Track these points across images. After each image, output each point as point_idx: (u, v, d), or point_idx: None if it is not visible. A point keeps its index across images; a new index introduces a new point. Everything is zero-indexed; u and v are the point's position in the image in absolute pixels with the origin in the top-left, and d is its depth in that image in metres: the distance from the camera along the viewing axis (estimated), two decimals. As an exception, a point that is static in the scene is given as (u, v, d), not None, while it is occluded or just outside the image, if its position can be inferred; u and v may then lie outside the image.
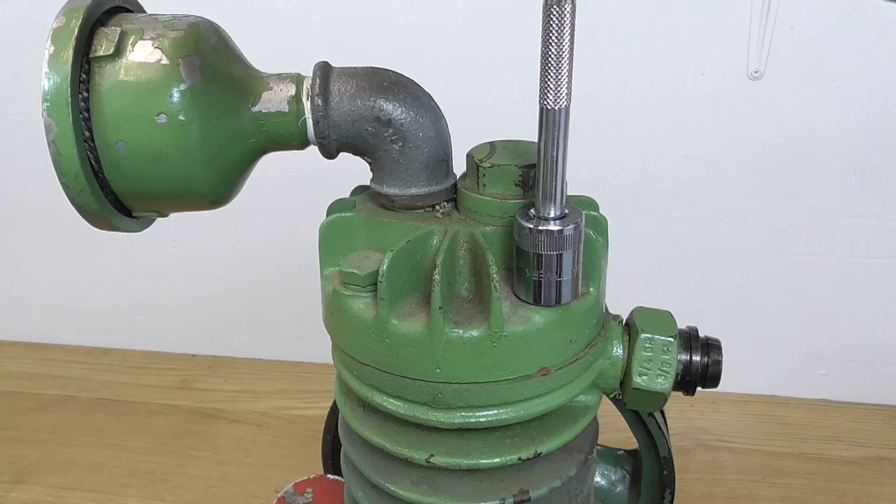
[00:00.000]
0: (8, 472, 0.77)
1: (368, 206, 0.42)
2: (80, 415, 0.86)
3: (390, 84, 0.39)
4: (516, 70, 0.75)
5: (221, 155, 0.37)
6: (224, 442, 0.81)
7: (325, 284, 0.40)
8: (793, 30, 0.70)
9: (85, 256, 0.95)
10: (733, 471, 0.75)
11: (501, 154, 0.40)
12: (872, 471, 0.75)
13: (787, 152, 0.75)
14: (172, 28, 0.36)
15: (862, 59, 0.70)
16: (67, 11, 0.35)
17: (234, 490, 0.74)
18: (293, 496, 0.56)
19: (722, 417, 0.83)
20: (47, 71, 0.34)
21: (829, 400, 0.86)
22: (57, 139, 0.34)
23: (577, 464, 0.42)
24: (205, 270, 0.93)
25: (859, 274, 0.79)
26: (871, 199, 0.76)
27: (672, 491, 0.52)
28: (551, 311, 0.36)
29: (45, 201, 0.88)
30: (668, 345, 0.41)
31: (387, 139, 0.39)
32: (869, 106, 0.72)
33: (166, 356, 0.98)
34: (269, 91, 0.38)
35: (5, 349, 1.00)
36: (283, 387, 0.91)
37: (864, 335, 0.82)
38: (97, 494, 0.74)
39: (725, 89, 0.73)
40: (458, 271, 0.38)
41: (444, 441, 0.39)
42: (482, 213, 0.39)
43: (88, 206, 0.37)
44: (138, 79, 0.35)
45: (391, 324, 0.36)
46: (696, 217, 0.80)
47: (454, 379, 0.36)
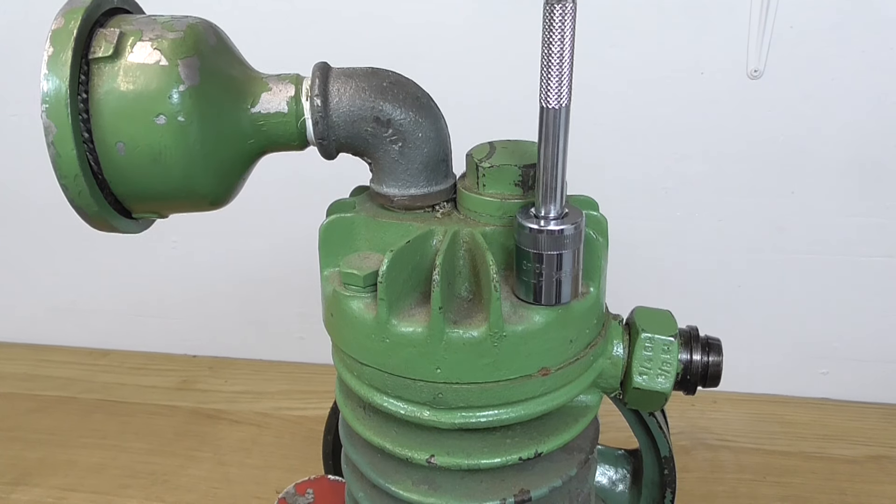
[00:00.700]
0: (8, 473, 0.77)
1: (368, 207, 0.42)
2: (81, 416, 0.86)
3: (389, 84, 0.39)
4: (516, 70, 0.75)
5: (221, 156, 0.37)
6: (225, 443, 0.81)
7: (325, 285, 0.40)
8: (792, 29, 0.70)
9: (85, 258, 0.95)
10: (734, 470, 0.75)
11: (501, 154, 0.40)
12: (873, 469, 0.75)
13: (787, 151, 0.75)
14: (171, 29, 0.36)
15: (861, 57, 0.70)
16: (66, 13, 0.35)
17: (235, 491, 0.74)
18: (294, 497, 0.56)
19: (722, 416, 0.83)
20: (46, 72, 0.34)
21: (829, 399, 0.86)
22: (56, 140, 0.34)
23: (578, 463, 0.42)
24: (205, 271, 0.93)
25: (859, 273, 0.79)
26: (871, 198, 0.76)
27: (673, 490, 0.52)
28: (551, 311, 0.36)
29: (44, 203, 0.88)
30: (669, 344, 0.41)
31: (386, 139, 0.39)
32: (868, 105, 0.72)
33: (167, 357, 0.98)
34: (268, 92, 0.38)
35: (5, 350, 1.00)
36: (283, 387, 0.91)
37: (864, 334, 0.82)
38: (98, 496, 0.74)
39: (725, 88, 0.73)
40: (458, 271, 0.38)
41: (445, 441, 0.39)
42: (482, 213, 0.39)
43: (88, 208, 0.37)
44: (137, 80, 0.35)
45: (391, 324, 0.36)
46: (695, 216, 0.80)
47: (454, 379, 0.36)
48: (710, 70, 0.73)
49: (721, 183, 0.78)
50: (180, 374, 0.94)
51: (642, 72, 0.74)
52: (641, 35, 0.73)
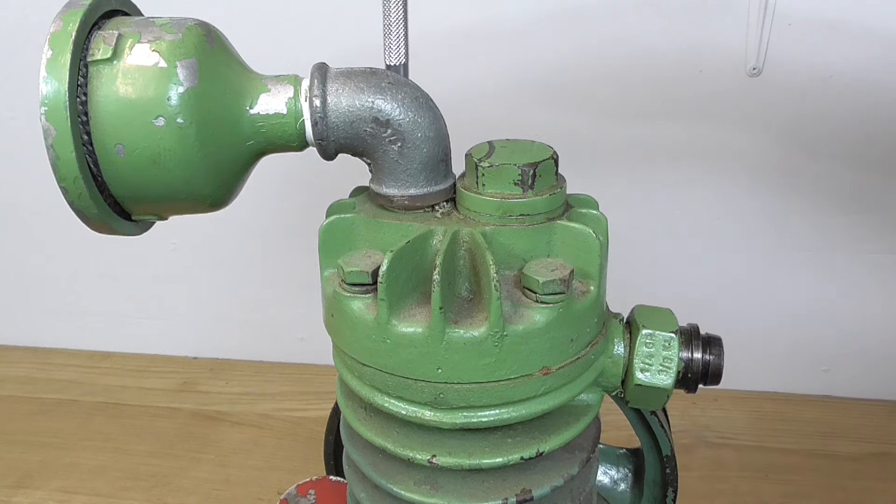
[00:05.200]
0: (10, 476, 0.77)
1: (368, 207, 0.42)
2: (82, 419, 0.86)
3: (388, 84, 0.39)
4: (516, 70, 0.75)
5: (220, 157, 0.37)
6: (226, 444, 0.81)
7: (326, 286, 0.40)
8: (791, 26, 0.70)
9: (84, 260, 0.95)
10: (736, 468, 0.75)
11: (500, 153, 0.40)
12: (875, 466, 0.75)
13: (787, 149, 0.75)
14: (170, 31, 0.36)
15: (860, 54, 0.70)
16: (64, 15, 0.35)
17: (237, 492, 0.74)
18: (296, 498, 0.56)
19: (724, 414, 0.83)
20: (45, 75, 0.34)
21: (831, 396, 0.85)
22: (55, 143, 0.34)
23: (580, 463, 0.42)
24: (204, 272, 0.93)
25: (860, 270, 0.79)
26: (872, 195, 0.76)
27: (675, 489, 0.52)
28: (552, 310, 0.36)
29: (44, 205, 0.88)
30: (670, 340, 0.41)
31: (385, 140, 0.39)
32: (868, 102, 0.72)
33: (167, 359, 0.98)
34: (266, 93, 0.38)
35: (6, 354, 1.00)
36: (284, 388, 0.91)
37: (865, 331, 0.82)
38: (99, 498, 0.74)
39: (724, 87, 0.73)
40: (459, 271, 0.38)
41: (446, 441, 0.39)
42: (482, 212, 0.39)
43: (87, 210, 0.37)
44: (136, 82, 0.35)
45: (392, 324, 0.36)
46: (695, 214, 0.80)
47: (455, 379, 0.36)
48: (708, 68, 0.73)
49: (720, 181, 0.78)
50: (181, 376, 0.94)
51: (641, 70, 0.74)
52: (640, 34, 0.73)
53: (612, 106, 0.76)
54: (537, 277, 0.36)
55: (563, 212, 0.40)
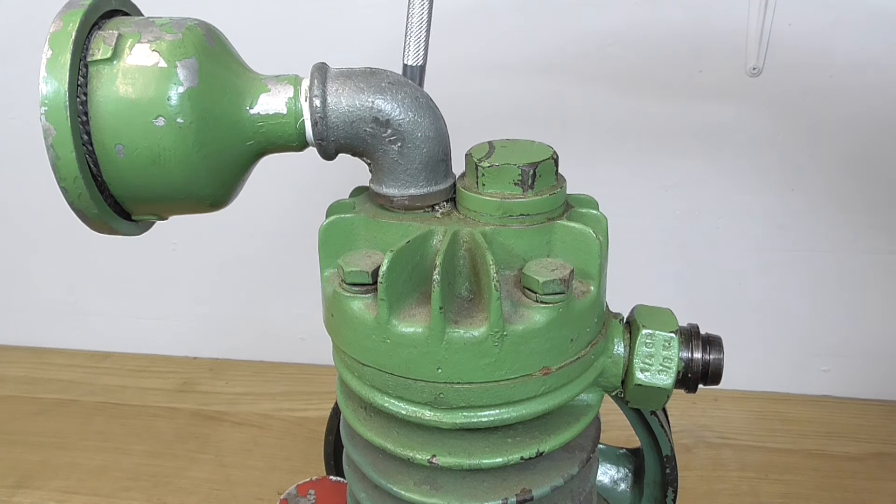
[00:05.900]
0: (10, 476, 0.77)
1: (368, 207, 0.42)
2: (82, 419, 0.86)
3: (388, 84, 0.39)
4: (516, 70, 0.75)
5: (220, 157, 0.37)
6: (226, 444, 0.81)
7: (326, 286, 0.40)
8: (791, 26, 0.70)
9: (84, 260, 0.95)
10: (736, 468, 0.75)
11: (500, 153, 0.40)
12: (874, 466, 0.75)
13: (786, 149, 0.75)
14: (169, 31, 0.36)
15: (860, 54, 0.70)
16: (64, 15, 0.35)
17: (237, 492, 0.74)
18: (296, 498, 0.56)
19: (724, 414, 0.83)
20: (45, 75, 0.34)
21: (830, 396, 0.85)
22: (55, 143, 0.34)
23: (580, 462, 0.42)
24: (204, 272, 0.93)
25: (859, 269, 0.79)
26: (871, 195, 0.76)
27: (675, 489, 0.52)
28: (552, 310, 0.36)
29: (43, 205, 0.88)
30: (670, 340, 0.41)
31: (385, 140, 0.39)
32: (868, 101, 0.72)
33: (167, 359, 0.98)
34: (266, 93, 0.38)
35: (6, 354, 1.00)
36: (284, 388, 0.91)
37: (865, 331, 0.82)
38: (99, 498, 0.74)
39: (724, 86, 0.73)
40: (459, 271, 0.38)
41: (446, 441, 0.39)
42: (481, 212, 0.39)
43: (87, 210, 0.37)
44: (136, 82, 0.35)
45: (392, 324, 0.36)
46: (695, 214, 0.80)
47: (455, 379, 0.36)
48: (708, 68, 0.73)
49: (720, 180, 0.78)
50: (181, 376, 0.94)
51: (641, 70, 0.74)
52: (640, 34, 0.73)
53: (612, 106, 0.76)
54: (537, 277, 0.36)
55: (563, 212, 0.40)
